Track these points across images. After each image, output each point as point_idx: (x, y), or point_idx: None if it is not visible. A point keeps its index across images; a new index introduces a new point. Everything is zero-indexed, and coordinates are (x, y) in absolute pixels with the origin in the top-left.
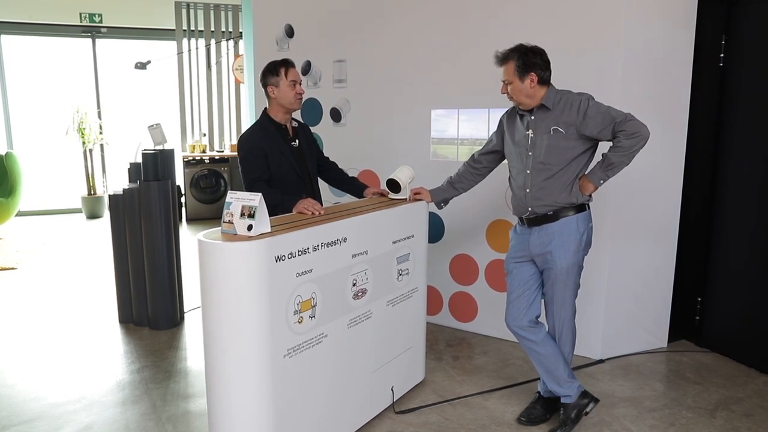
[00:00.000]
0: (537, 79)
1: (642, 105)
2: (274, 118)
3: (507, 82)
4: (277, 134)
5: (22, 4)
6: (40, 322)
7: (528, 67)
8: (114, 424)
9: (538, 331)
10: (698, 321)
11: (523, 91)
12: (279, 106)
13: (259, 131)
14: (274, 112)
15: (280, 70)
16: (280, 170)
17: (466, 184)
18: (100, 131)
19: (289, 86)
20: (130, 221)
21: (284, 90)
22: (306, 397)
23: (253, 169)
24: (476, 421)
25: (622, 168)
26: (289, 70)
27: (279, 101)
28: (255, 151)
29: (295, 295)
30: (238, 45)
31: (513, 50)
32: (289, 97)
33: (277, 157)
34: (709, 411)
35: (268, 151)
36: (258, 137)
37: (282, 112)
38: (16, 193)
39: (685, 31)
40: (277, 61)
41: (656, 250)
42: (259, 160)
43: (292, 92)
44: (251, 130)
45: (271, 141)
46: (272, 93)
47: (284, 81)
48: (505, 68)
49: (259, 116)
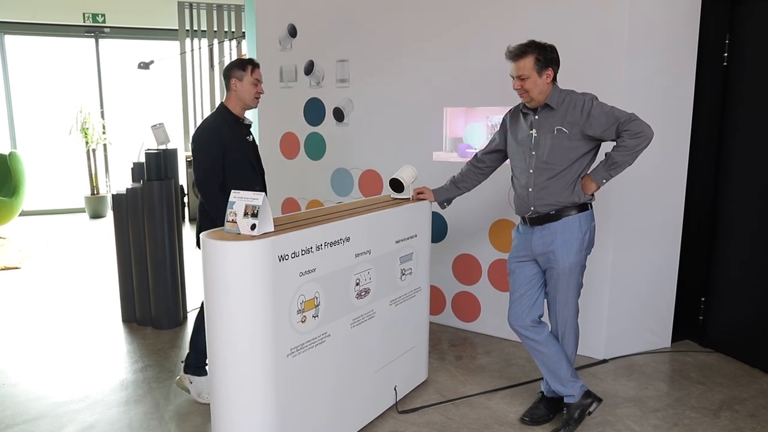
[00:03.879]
0: (553, 75)
1: (645, 105)
2: (232, 111)
3: (524, 77)
4: (236, 126)
5: (25, 4)
6: (43, 322)
7: (548, 62)
8: (117, 423)
9: (541, 331)
10: (702, 321)
11: (539, 86)
12: (238, 100)
13: (219, 121)
14: (232, 105)
15: (248, 67)
16: (236, 161)
17: (469, 183)
18: (103, 131)
19: (252, 83)
20: (133, 221)
21: (246, 86)
22: (309, 397)
23: (208, 159)
24: (479, 420)
25: (626, 167)
26: (255, 69)
27: (239, 95)
28: (213, 139)
29: (299, 295)
30: (240, 45)
31: (529, 45)
32: (250, 94)
33: (234, 149)
34: (712, 411)
35: (227, 142)
36: (218, 126)
37: (240, 106)
38: (19, 192)
39: (688, 30)
40: (245, 58)
41: (659, 250)
42: (216, 150)
43: (254, 90)
44: (210, 120)
45: (230, 132)
46: (234, 86)
47: (249, 77)
48: (522, 63)
49: (217, 108)
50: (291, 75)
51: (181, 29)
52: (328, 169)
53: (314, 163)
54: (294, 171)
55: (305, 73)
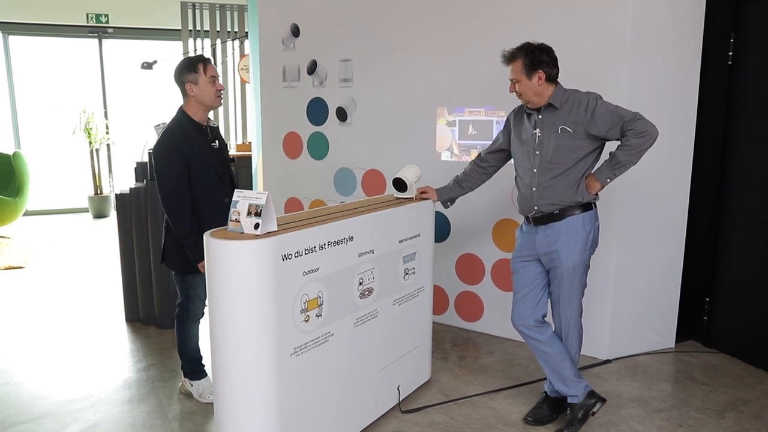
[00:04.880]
0: (545, 77)
1: (650, 104)
2: (193, 117)
3: (515, 81)
4: (197, 135)
5: (29, 4)
6: (47, 321)
7: (535, 64)
8: (120, 422)
9: (545, 331)
10: (706, 321)
11: (531, 88)
12: (199, 105)
13: (179, 133)
14: (192, 111)
15: (198, 66)
16: (202, 173)
17: (472, 183)
18: (106, 131)
19: (208, 82)
20: (137, 220)
21: (204, 87)
22: (312, 396)
23: (172, 178)
24: (482, 420)
25: (630, 167)
26: (207, 65)
27: (199, 99)
28: (175, 156)
29: (302, 294)
30: (243, 45)
31: (520, 48)
32: (210, 95)
33: (199, 160)
34: (717, 412)
35: (190, 155)
36: (179, 141)
37: (201, 110)
38: (23, 192)
39: (693, 29)
40: (193, 57)
41: (663, 250)
42: (180, 167)
43: (213, 89)
44: (170, 132)
45: (192, 143)
46: (191, 91)
47: (203, 77)
48: (513, 66)
49: (176, 115)
50: (294, 75)
51: (184, 29)
52: (331, 168)
53: (317, 163)
54: (297, 171)
55: (308, 73)
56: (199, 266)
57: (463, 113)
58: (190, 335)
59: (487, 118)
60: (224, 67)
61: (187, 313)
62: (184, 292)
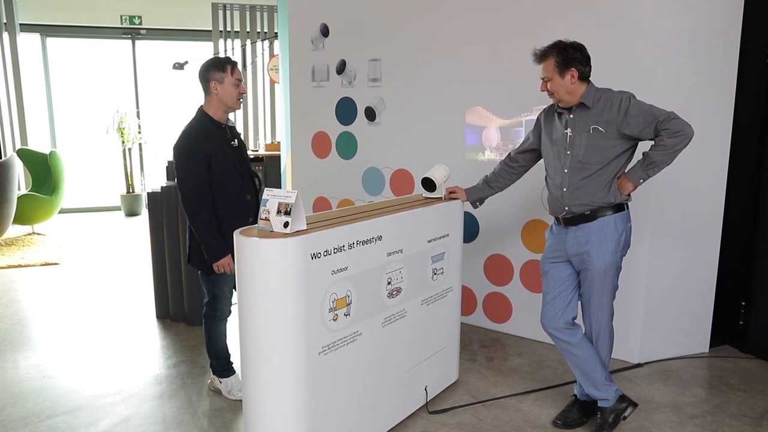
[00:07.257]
0: (578, 75)
1: (685, 103)
2: (213, 117)
3: (547, 79)
4: (217, 134)
5: (66, 7)
6: (80, 316)
7: (568, 62)
8: (151, 417)
9: (575, 333)
10: (742, 326)
11: (563, 87)
12: (220, 104)
13: (200, 131)
14: (213, 110)
15: (227, 67)
16: (223, 171)
17: (502, 183)
18: (138, 130)
19: (233, 84)
20: (168, 219)
21: (228, 87)
22: (340, 395)
23: (192, 176)
24: (511, 423)
25: (664, 167)
26: (235, 68)
27: (221, 98)
28: (197, 153)
29: (330, 293)
30: (273, 45)
31: (552, 47)
32: (233, 96)
33: (220, 158)
34: (754, 419)
35: (211, 153)
36: (199, 138)
37: (222, 110)
38: (59, 190)
39: (730, 26)
40: (222, 57)
41: (698, 252)
42: (201, 164)
43: (236, 91)
44: (191, 131)
45: (213, 142)
46: (215, 89)
47: (229, 78)
48: (545, 65)
49: (196, 114)
50: (323, 74)
51: (214, 30)
52: (360, 168)
53: (346, 163)
54: (325, 170)
55: (337, 73)
56: (214, 266)
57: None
58: (218, 333)
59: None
60: (254, 67)
61: (215, 311)
62: (211, 291)
